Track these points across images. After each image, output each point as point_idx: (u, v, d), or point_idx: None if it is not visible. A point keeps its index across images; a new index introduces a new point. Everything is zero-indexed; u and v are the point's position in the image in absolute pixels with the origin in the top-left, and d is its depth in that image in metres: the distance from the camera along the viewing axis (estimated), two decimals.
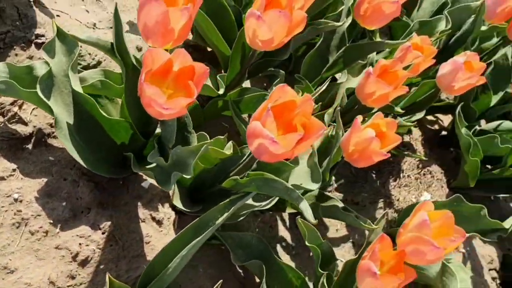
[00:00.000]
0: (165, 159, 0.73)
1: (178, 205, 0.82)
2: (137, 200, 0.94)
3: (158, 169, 0.73)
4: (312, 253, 0.93)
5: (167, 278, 0.79)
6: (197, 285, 0.91)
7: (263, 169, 0.87)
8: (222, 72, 1.09)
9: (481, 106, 1.35)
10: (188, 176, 0.69)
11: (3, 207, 0.80)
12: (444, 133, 1.44)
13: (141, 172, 0.77)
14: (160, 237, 0.93)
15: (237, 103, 0.94)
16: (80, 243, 0.84)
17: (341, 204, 0.94)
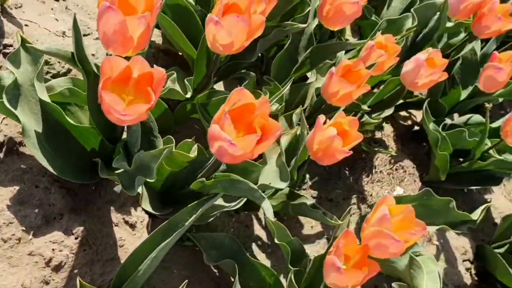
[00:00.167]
0: (131, 164, 0.74)
1: (147, 208, 0.84)
2: (109, 205, 0.95)
3: (123, 174, 0.75)
4: None
5: (139, 279, 0.80)
6: (170, 286, 0.93)
7: (232, 170, 0.89)
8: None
9: (451, 101, 1.37)
10: (152, 180, 0.71)
11: None
12: (416, 128, 1.46)
13: (108, 177, 0.78)
14: (133, 240, 0.95)
15: (205, 106, 0.95)
16: (53, 249, 0.85)
17: (310, 202, 0.96)
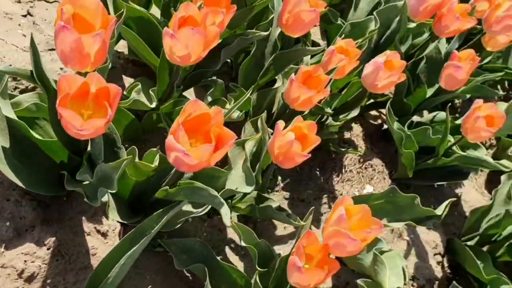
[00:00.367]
0: (95, 175, 0.77)
1: (114, 218, 0.86)
2: (81, 215, 0.97)
3: (88, 185, 0.77)
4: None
5: (109, 286, 0.83)
6: None
7: (198, 177, 0.91)
8: None
9: (417, 99, 1.40)
10: (113, 191, 0.73)
11: None
12: (386, 127, 1.48)
13: (74, 189, 0.81)
14: (106, 249, 0.97)
15: (170, 115, 0.98)
16: (25, 260, 0.87)
17: (275, 204, 0.99)
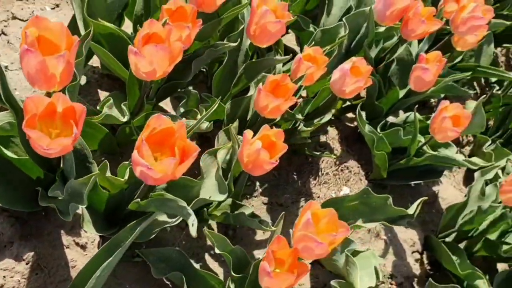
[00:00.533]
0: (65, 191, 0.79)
1: (89, 230, 0.88)
2: (60, 229, 1.00)
3: (60, 201, 0.80)
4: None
5: None
6: None
7: (171, 188, 0.94)
8: None
9: (390, 101, 1.43)
10: (83, 206, 0.76)
11: None
12: None
13: (47, 205, 0.83)
14: (85, 260, 0.99)
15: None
16: (4, 276, 0.89)
17: (248, 211, 1.02)
